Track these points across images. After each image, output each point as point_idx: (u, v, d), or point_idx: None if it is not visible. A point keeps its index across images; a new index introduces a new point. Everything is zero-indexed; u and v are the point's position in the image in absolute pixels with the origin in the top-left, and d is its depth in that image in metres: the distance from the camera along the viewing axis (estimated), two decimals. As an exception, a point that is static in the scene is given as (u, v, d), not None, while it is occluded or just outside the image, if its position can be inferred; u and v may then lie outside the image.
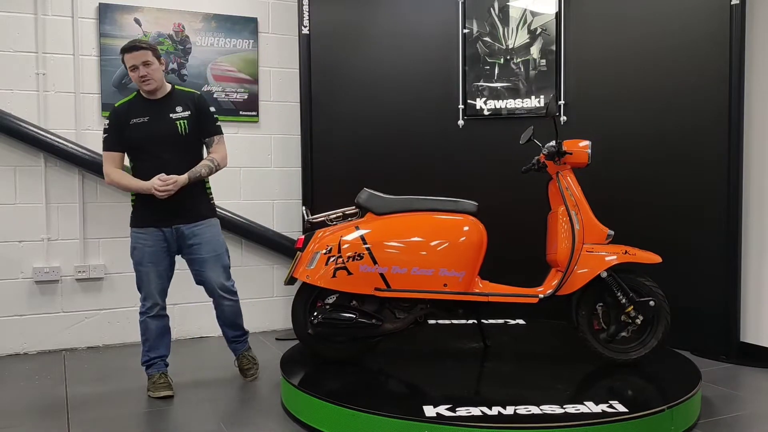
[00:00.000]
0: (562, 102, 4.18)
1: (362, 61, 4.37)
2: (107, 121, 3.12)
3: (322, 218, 3.15)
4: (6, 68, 3.91)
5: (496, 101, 4.32)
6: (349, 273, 2.94)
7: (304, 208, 3.32)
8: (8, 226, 3.94)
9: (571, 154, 3.10)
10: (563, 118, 4.13)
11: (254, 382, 3.34)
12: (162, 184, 2.96)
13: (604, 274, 2.99)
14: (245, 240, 4.50)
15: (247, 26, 4.43)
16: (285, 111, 4.56)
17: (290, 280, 3.08)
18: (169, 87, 3.15)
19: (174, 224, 3.09)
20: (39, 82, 3.97)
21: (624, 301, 2.99)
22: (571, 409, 2.46)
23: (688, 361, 3.14)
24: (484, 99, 4.33)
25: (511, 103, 4.30)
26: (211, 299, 3.27)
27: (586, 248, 3.02)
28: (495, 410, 2.45)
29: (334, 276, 2.94)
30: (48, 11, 3.99)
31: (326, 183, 4.32)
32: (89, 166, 4.01)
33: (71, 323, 4.08)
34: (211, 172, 3.13)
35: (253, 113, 4.49)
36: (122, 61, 3.09)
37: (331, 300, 3.07)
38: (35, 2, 3.95)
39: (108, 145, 3.11)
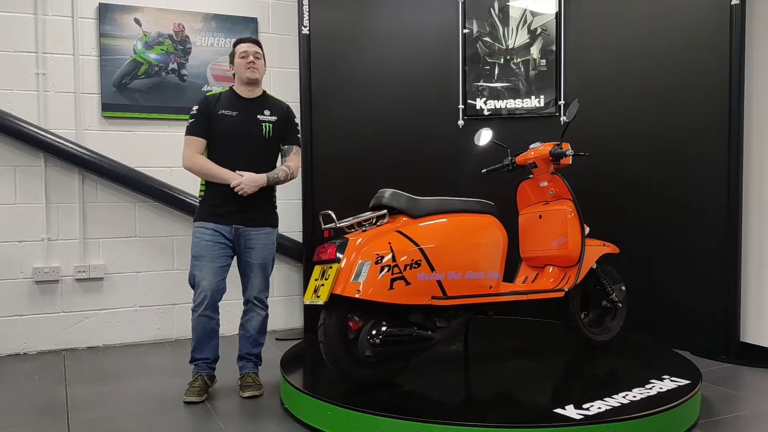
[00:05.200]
0: (562, 102, 4.18)
1: (362, 62, 4.37)
2: (195, 107, 3.11)
3: (350, 222, 2.77)
4: (6, 68, 3.91)
5: (496, 101, 4.32)
6: (408, 283, 2.63)
7: (330, 213, 2.76)
8: (8, 226, 3.94)
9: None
10: (562, 118, 4.13)
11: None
12: (246, 183, 2.99)
13: (595, 266, 3.25)
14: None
15: (247, 26, 4.43)
16: (285, 111, 4.55)
17: (330, 297, 2.56)
18: (261, 90, 3.21)
19: (235, 223, 3.07)
20: (39, 82, 3.97)
21: (609, 288, 3.33)
22: (654, 389, 2.62)
23: (688, 361, 3.14)
24: (484, 99, 4.33)
25: (511, 103, 4.30)
26: (244, 306, 3.20)
27: None
28: (613, 401, 2.48)
29: (391, 288, 2.59)
30: (48, 11, 3.99)
31: (326, 183, 4.32)
32: (89, 166, 4.01)
33: (71, 323, 4.08)
34: (286, 179, 3.16)
35: (253, 113, 4.48)
36: (231, 54, 3.17)
37: (357, 317, 2.70)
38: (35, 2, 3.95)
39: (192, 130, 3.08)
